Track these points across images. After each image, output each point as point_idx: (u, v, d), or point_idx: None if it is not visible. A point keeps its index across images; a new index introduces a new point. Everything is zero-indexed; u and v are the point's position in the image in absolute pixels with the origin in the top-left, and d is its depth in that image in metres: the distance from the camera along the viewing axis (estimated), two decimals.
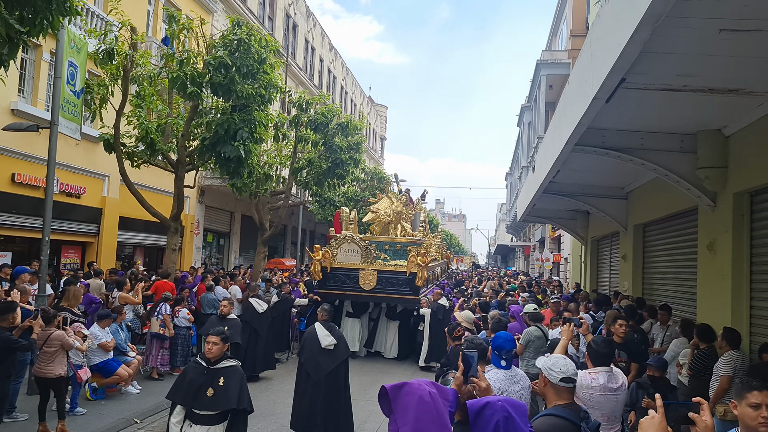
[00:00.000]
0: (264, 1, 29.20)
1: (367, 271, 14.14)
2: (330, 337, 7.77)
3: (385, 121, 62.78)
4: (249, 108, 13.19)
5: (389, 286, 14.03)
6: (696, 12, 4.20)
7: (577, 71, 6.93)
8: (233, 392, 5.43)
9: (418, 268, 13.73)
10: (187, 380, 5.49)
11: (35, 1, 6.74)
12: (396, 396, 2.57)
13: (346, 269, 14.38)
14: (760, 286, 6.90)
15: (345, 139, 20.53)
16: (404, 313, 14.65)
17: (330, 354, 7.71)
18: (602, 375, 4.82)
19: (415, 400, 2.50)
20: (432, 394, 2.55)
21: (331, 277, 14.39)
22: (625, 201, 12.53)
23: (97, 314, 10.12)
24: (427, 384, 2.62)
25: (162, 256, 19.11)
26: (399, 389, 2.58)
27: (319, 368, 7.65)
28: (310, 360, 7.71)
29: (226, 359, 5.64)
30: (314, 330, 7.89)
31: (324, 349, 7.69)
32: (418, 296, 13.85)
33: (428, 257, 14.37)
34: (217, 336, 5.60)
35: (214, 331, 5.67)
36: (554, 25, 32.82)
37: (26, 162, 14.59)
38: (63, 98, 10.98)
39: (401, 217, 16.96)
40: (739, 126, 6.94)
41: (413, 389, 2.55)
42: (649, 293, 11.54)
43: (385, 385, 2.62)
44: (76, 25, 13.38)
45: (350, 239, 14.67)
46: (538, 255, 32.96)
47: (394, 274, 14.09)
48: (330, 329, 7.89)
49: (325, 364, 7.68)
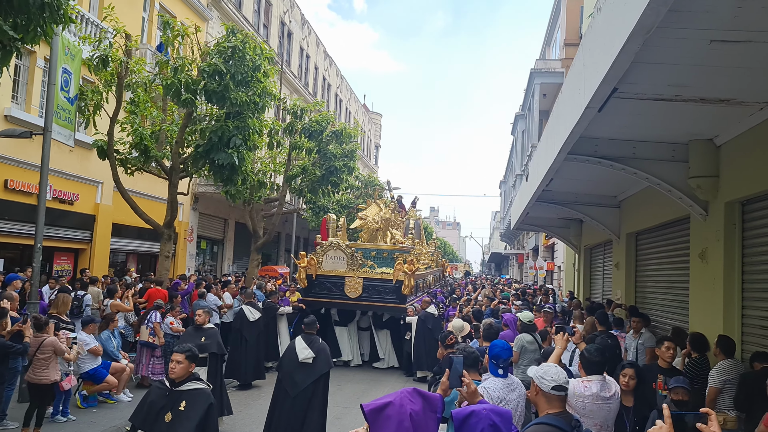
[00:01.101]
0: (259, 9, 29.27)
1: (353, 279, 13.91)
2: (308, 350, 7.39)
3: (379, 128, 62.92)
4: (243, 115, 13.20)
5: (375, 294, 13.80)
6: (686, 23, 4.24)
7: (569, 80, 6.97)
8: (193, 420, 4.74)
9: (404, 276, 13.57)
10: (148, 402, 4.96)
11: (29, 8, 6.74)
12: (375, 419, 2.52)
13: (331, 277, 14.15)
14: (752, 295, 6.93)
15: (339, 147, 20.56)
16: (392, 322, 14.43)
17: (307, 368, 7.33)
18: (595, 384, 4.83)
19: (393, 427, 2.47)
20: (413, 415, 2.49)
21: (317, 285, 14.16)
22: (617, 210, 12.58)
23: (81, 320, 10.11)
24: (412, 398, 2.58)
25: (155, 263, 19.04)
26: (379, 412, 2.52)
27: (294, 383, 7.28)
28: (286, 374, 7.40)
29: (192, 380, 4.97)
30: (293, 344, 7.59)
31: (301, 362, 7.33)
32: (405, 305, 13.64)
33: (416, 265, 14.18)
34: (182, 353, 4.93)
35: (179, 348, 5.02)
36: (548, 34, 33.01)
37: (19, 168, 14.55)
38: (57, 105, 10.97)
39: (390, 224, 16.79)
40: (731, 136, 6.99)
41: (393, 413, 2.49)
42: (641, 301, 11.57)
43: (362, 405, 2.59)
44: (70, 31, 13.38)
45: (336, 246, 14.48)
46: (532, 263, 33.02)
47: (380, 282, 13.88)
48: (310, 342, 7.49)
49: (301, 378, 7.30)
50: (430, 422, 2.53)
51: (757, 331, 6.75)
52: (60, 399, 8.76)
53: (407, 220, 20.24)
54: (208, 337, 8.50)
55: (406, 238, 17.42)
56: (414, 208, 24.85)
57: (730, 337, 6.61)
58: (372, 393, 11.60)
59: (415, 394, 2.61)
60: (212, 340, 8.54)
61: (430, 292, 17.70)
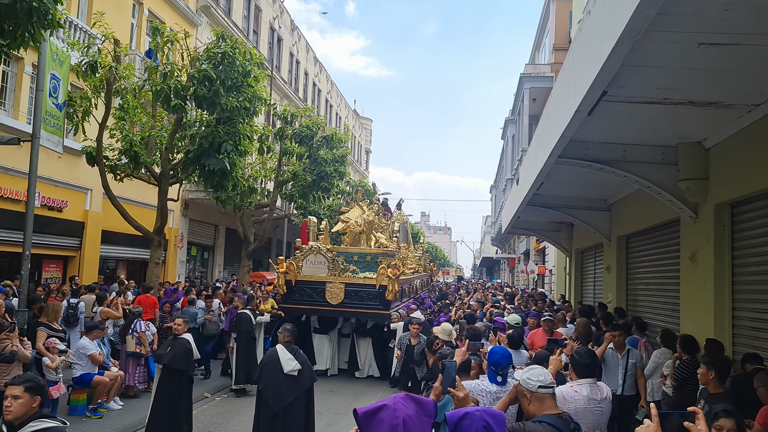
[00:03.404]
0: (249, 15, 29.25)
1: (334, 285, 13.26)
2: (294, 361, 6.80)
3: (370, 134, 62.98)
4: (233, 121, 13.14)
5: (358, 300, 13.15)
6: (675, 26, 4.27)
7: (559, 84, 7.00)
8: None
9: (388, 281, 12.96)
10: None
11: (16, 13, 6.70)
12: (367, 423, 2.50)
13: (311, 282, 13.50)
14: (742, 297, 6.97)
15: (330, 152, 20.54)
16: (375, 329, 13.78)
17: (294, 381, 6.76)
18: (585, 387, 4.81)
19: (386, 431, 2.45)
20: (407, 420, 2.48)
21: (296, 291, 13.50)
22: (608, 213, 12.64)
23: (85, 326, 10.10)
24: (405, 403, 2.56)
25: (145, 270, 18.92)
26: (372, 416, 2.50)
27: (280, 397, 6.72)
28: (269, 387, 6.78)
29: (38, 419, 3.75)
30: (275, 353, 6.93)
31: (287, 375, 6.73)
32: (389, 311, 13.01)
33: (401, 269, 13.62)
34: (20, 386, 3.76)
35: (16, 380, 3.89)
36: (537, 39, 33.16)
37: (7, 175, 14.43)
38: (45, 111, 10.89)
39: (373, 227, 16.22)
40: (720, 138, 7.03)
41: (386, 417, 2.47)
42: (632, 304, 11.61)
43: (356, 409, 2.57)
44: (58, 37, 13.33)
45: (316, 250, 13.81)
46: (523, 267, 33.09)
47: (363, 288, 13.23)
48: (294, 352, 6.92)
49: (287, 392, 6.72)
50: (424, 427, 2.52)
51: (748, 332, 6.78)
52: (48, 407, 8.66)
53: (392, 222, 20.09)
54: (173, 348, 7.87)
55: (391, 241, 16.89)
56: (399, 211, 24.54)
57: (719, 340, 6.64)
58: (365, 399, 11.53)
59: (408, 399, 2.59)
60: (179, 352, 7.79)
61: (417, 297, 17.28)
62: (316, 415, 9.97)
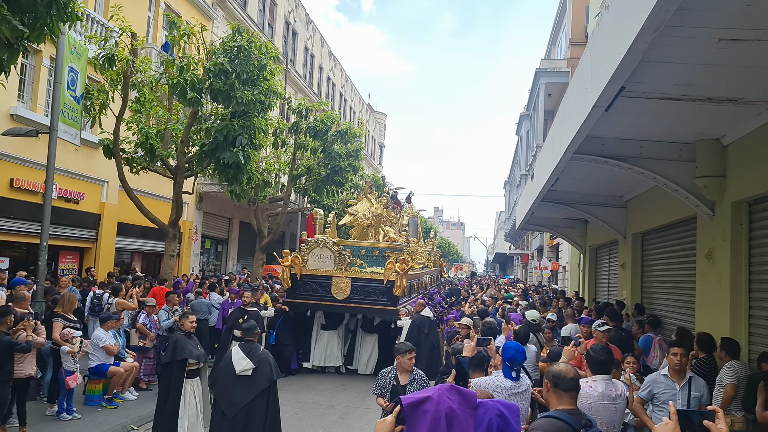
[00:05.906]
0: (264, 9, 29.29)
1: (340, 279, 12.83)
2: (246, 360, 6.36)
3: (384, 128, 62.89)
4: (248, 114, 13.19)
5: (365, 296, 12.72)
6: (695, 22, 4.22)
7: (576, 80, 6.95)
8: None
9: (396, 276, 12.51)
10: None
11: (36, 6, 6.76)
12: (412, 413, 2.53)
13: (317, 276, 13.03)
14: (759, 295, 6.90)
15: (344, 146, 20.58)
16: (382, 326, 13.31)
17: (246, 381, 6.33)
18: (600, 383, 4.81)
19: (428, 424, 2.47)
20: (449, 414, 2.50)
21: (301, 285, 13.03)
22: (623, 209, 12.54)
23: (99, 317, 10.19)
24: (449, 395, 2.58)
25: (160, 262, 19.08)
26: (416, 406, 2.53)
27: (232, 402, 6.28)
28: (222, 392, 6.38)
29: None
30: (229, 354, 6.56)
31: (239, 376, 6.32)
32: (396, 307, 12.63)
33: (409, 264, 13.25)
34: None
35: None
36: (553, 33, 32.94)
37: (25, 167, 14.59)
38: (63, 103, 10.99)
39: (382, 220, 15.84)
40: (738, 135, 6.96)
41: (430, 408, 2.50)
42: (647, 302, 11.52)
43: (401, 398, 2.58)
44: (76, 30, 13.41)
45: (322, 244, 13.35)
46: (537, 263, 32.97)
47: (370, 282, 12.78)
48: (249, 351, 6.47)
49: (239, 395, 6.28)
50: (467, 419, 2.54)
51: (764, 331, 6.72)
52: (65, 397, 8.78)
53: (402, 216, 19.94)
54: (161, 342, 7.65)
55: (399, 235, 16.47)
56: (410, 204, 24.36)
57: (735, 338, 6.58)
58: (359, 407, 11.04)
59: (453, 391, 2.62)
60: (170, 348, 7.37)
61: (427, 293, 16.95)
62: (329, 409, 10.11)
